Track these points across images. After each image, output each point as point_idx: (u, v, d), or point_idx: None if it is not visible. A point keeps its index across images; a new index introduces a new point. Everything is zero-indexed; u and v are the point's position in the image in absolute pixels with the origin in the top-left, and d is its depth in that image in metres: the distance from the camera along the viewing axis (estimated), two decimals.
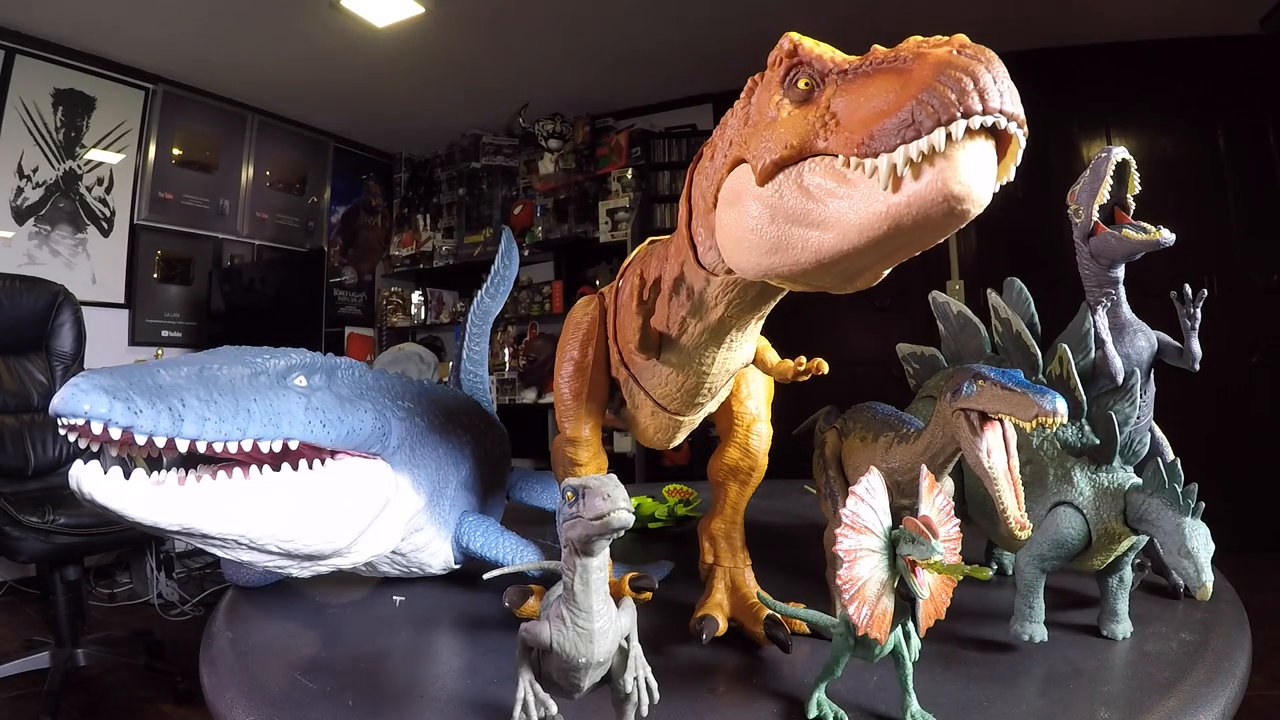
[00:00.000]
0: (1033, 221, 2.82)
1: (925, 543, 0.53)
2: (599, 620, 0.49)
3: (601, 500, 0.46)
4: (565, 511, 0.48)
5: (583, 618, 0.49)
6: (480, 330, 1.33)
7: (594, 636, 0.49)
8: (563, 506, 0.48)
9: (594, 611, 0.49)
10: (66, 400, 0.56)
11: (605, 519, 0.45)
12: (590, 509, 0.46)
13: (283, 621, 0.86)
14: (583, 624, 0.49)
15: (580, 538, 0.47)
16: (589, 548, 0.48)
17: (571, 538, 0.47)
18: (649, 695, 0.52)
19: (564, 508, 0.48)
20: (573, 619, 0.49)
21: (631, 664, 0.52)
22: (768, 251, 0.46)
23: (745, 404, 0.83)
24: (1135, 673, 0.67)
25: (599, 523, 0.46)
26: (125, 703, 2.22)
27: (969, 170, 0.37)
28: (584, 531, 0.46)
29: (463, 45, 3.82)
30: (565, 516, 0.48)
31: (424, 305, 5.15)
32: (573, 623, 0.49)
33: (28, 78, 3.54)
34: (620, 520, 0.46)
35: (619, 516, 0.45)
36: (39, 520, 2.04)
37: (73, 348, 2.62)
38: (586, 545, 0.48)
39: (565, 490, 0.48)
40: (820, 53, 0.44)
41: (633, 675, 0.51)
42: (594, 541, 0.47)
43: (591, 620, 0.49)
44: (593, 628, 0.49)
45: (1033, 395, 0.59)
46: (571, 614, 0.49)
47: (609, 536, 0.47)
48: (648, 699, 0.52)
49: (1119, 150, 0.79)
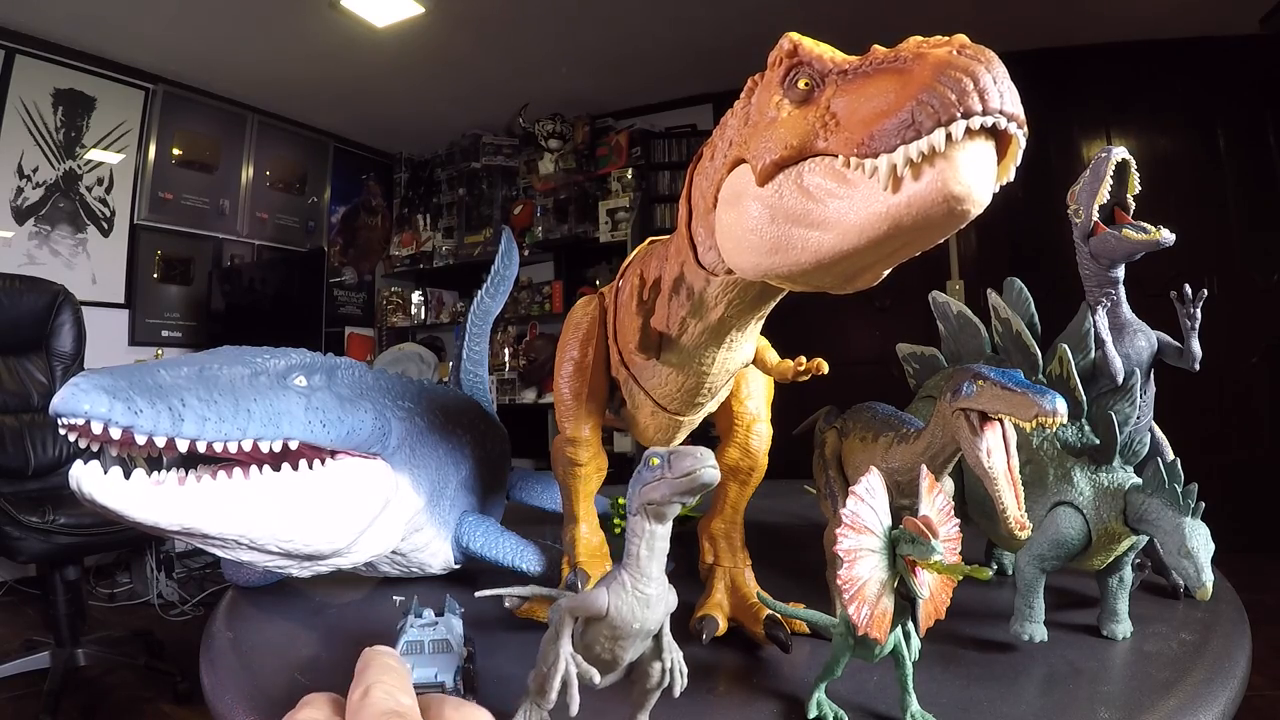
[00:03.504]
0: (1033, 221, 2.82)
1: (925, 543, 0.53)
2: (656, 587, 0.51)
3: (690, 460, 0.48)
4: (646, 475, 0.49)
5: (644, 583, 0.50)
6: (480, 330, 1.33)
7: (651, 602, 0.51)
8: (643, 472, 0.50)
9: (654, 578, 0.51)
10: (66, 400, 0.56)
11: (693, 474, 0.47)
12: (679, 468, 0.48)
13: (283, 621, 0.86)
14: (643, 589, 0.50)
15: (665, 496, 0.48)
16: (663, 513, 0.50)
17: (654, 499, 0.49)
18: (680, 679, 0.54)
19: (645, 472, 0.49)
20: (634, 584, 0.50)
21: (666, 647, 0.53)
22: (768, 252, 0.45)
23: (745, 404, 0.83)
24: (1135, 673, 0.67)
25: (687, 479, 0.47)
26: (125, 703, 2.22)
27: (969, 170, 0.37)
28: (669, 490, 0.48)
29: (463, 45, 3.82)
30: (646, 480, 0.49)
31: (424, 305, 5.15)
32: (634, 588, 0.50)
33: (28, 78, 3.54)
34: (709, 476, 0.47)
35: (707, 472, 0.47)
36: (39, 520, 2.04)
37: (73, 348, 2.62)
38: (661, 510, 0.49)
39: (650, 457, 0.49)
40: (820, 53, 0.44)
41: (669, 657, 0.53)
42: (669, 505, 0.49)
43: (651, 585, 0.51)
44: (651, 593, 0.51)
45: (1033, 395, 0.59)
46: (634, 579, 0.50)
47: (690, 499, 0.49)
48: (680, 682, 0.53)
49: (1119, 150, 0.79)
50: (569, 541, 0.86)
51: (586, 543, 0.86)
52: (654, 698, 0.54)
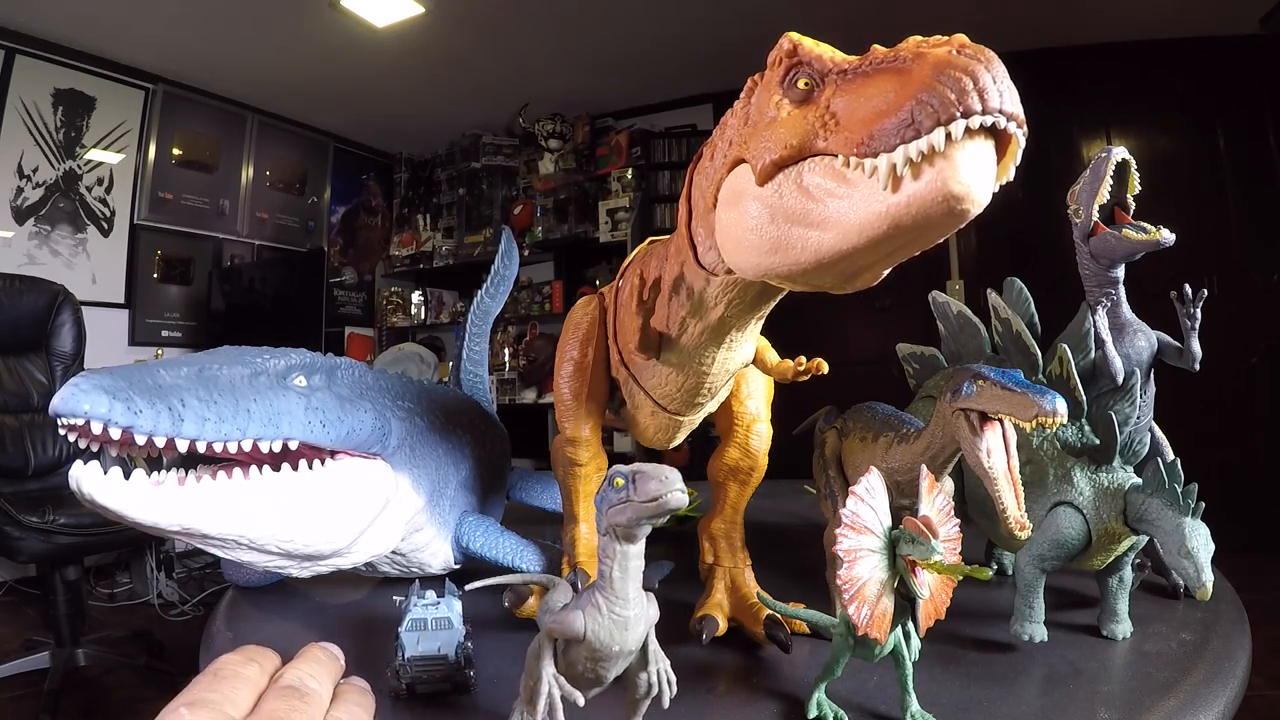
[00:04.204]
0: (1033, 221, 2.82)
1: (925, 543, 0.53)
2: (634, 608, 0.49)
3: (656, 483, 0.45)
4: (612, 497, 0.47)
5: (619, 605, 0.49)
6: (480, 330, 1.33)
7: (629, 624, 0.49)
8: (608, 493, 0.48)
9: (630, 599, 0.49)
10: (66, 400, 0.56)
11: (659, 500, 0.45)
12: (643, 492, 0.46)
13: (283, 621, 0.86)
14: (619, 611, 0.49)
15: (631, 520, 0.46)
16: (632, 534, 0.48)
17: (619, 522, 0.47)
18: (669, 688, 0.52)
19: (610, 494, 0.47)
20: (609, 606, 0.49)
21: (652, 658, 0.52)
22: (767, 251, 0.45)
23: (745, 404, 0.83)
24: (1135, 673, 0.67)
25: (653, 504, 0.45)
26: (125, 703, 2.22)
27: (968, 170, 0.37)
28: (635, 515, 0.46)
29: (463, 45, 3.82)
30: (612, 502, 0.47)
31: (424, 305, 5.15)
32: (609, 610, 0.49)
33: (28, 78, 3.54)
34: (675, 501, 0.45)
35: (674, 497, 0.45)
36: (39, 520, 2.04)
37: (73, 348, 2.62)
38: (630, 531, 0.48)
39: (614, 476, 0.47)
40: (820, 52, 0.44)
41: (654, 668, 0.52)
42: (639, 527, 0.47)
43: (628, 608, 0.49)
44: (628, 615, 0.49)
45: (1033, 395, 0.59)
46: (608, 601, 0.49)
47: (658, 520, 0.47)
48: (669, 691, 0.52)
49: (1119, 150, 0.79)
50: (569, 541, 0.87)
51: (586, 543, 0.86)
52: (644, 706, 0.53)
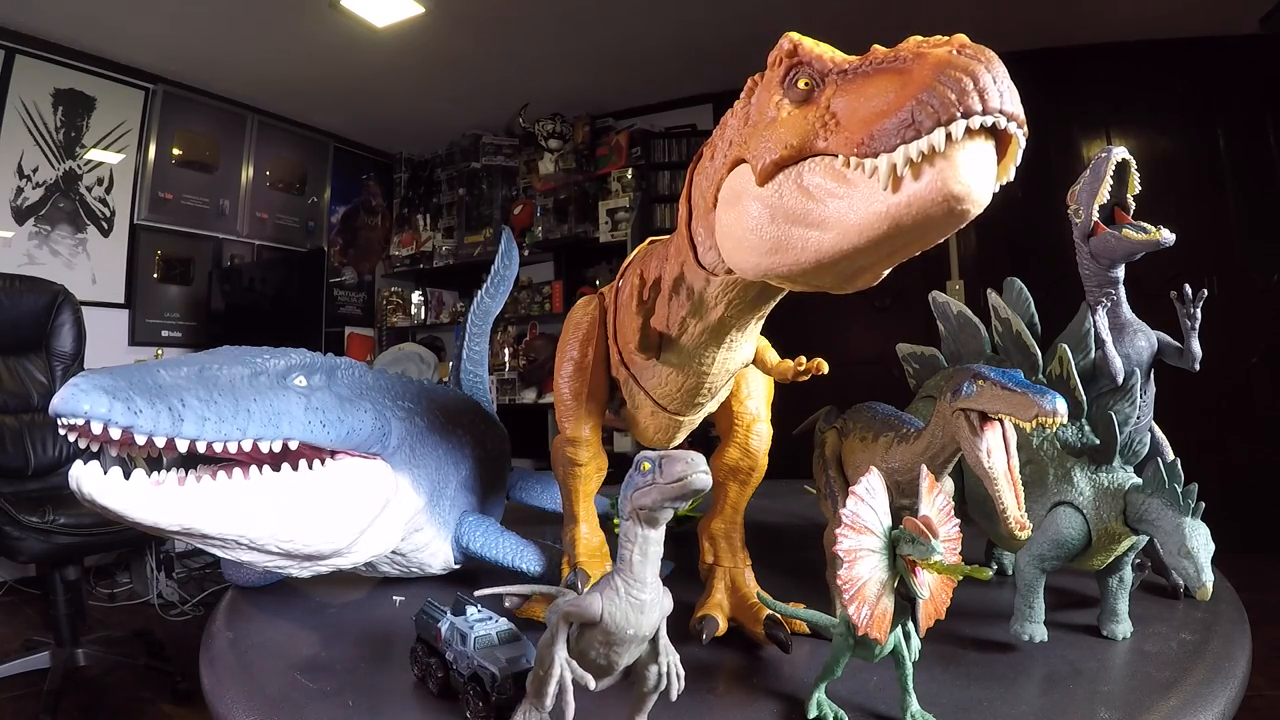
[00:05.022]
0: (1033, 221, 2.82)
1: (925, 543, 0.53)
2: (651, 593, 0.50)
3: (682, 464, 0.47)
4: (638, 480, 0.49)
5: (637, 588, 0.50)
6: (480, 330, 1.33)
7: (645, 608, 0.50)
8: (634, 476, 0.49)
9: (648, 584, 0.50)
10: (66, 400, 0.56)
11: (685, 480, 0.47)
12: (669, 473, 0.47)
13: (283, 621, 0.86)
14: (637, 595, 0.50)
15: (655, 501, 0.48)
16: (655, 518, 0.49)
17: (644, 504, 0.48)
18: (678, 682, 0.53)
19: (636, 477, 0.49)
20: (627, 590, 0.50)
21: (663, 651, 0.53)
22: (768, 251, 0.46)
23: (745, 404, 0.83)
24: (1135, 673, 0.67)
25: (678, 485, 0.47)
26: (125, 703, 2.22)
27: (969, 170, 0.37)
28: (660, 496, 0.47)
29: (463, 45, 3.81)
30: (637, 485, 0.49)
31: (424, 305, 5.15)
32: (627, 593, 0.50)
33: (28, 78, 3.54)
34: (700, 482, 0.47)
35: (699, 478, 0.47)
36: (39, 520, 2.04)
37: (73, 348, 2.62)
38: (654, 515, 0.49)
39: (641, 461, 0.49)
40: (820, 53, 0.44)
41: (664, 660, 0.53)
42: (661, 510, 0.48)
43: (645, 591, 0.50)
44: (645, 599, 0.50)
45: (1033, 395, 0.59)
46: (627, 584, 0.50)
47: (681, 504, 0.48)
48: (677, 686, 0.53)
49: (1119, 150, 0.79)
50: (569, 541, 0.87)
51: (586, 543, 0.86)
52: (651, 700, 0.54)
